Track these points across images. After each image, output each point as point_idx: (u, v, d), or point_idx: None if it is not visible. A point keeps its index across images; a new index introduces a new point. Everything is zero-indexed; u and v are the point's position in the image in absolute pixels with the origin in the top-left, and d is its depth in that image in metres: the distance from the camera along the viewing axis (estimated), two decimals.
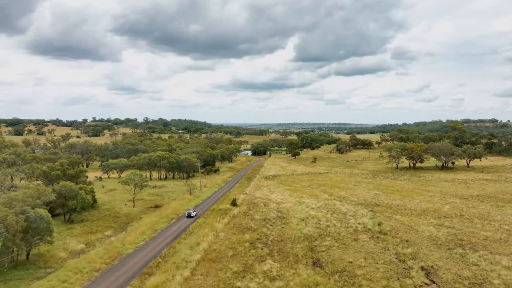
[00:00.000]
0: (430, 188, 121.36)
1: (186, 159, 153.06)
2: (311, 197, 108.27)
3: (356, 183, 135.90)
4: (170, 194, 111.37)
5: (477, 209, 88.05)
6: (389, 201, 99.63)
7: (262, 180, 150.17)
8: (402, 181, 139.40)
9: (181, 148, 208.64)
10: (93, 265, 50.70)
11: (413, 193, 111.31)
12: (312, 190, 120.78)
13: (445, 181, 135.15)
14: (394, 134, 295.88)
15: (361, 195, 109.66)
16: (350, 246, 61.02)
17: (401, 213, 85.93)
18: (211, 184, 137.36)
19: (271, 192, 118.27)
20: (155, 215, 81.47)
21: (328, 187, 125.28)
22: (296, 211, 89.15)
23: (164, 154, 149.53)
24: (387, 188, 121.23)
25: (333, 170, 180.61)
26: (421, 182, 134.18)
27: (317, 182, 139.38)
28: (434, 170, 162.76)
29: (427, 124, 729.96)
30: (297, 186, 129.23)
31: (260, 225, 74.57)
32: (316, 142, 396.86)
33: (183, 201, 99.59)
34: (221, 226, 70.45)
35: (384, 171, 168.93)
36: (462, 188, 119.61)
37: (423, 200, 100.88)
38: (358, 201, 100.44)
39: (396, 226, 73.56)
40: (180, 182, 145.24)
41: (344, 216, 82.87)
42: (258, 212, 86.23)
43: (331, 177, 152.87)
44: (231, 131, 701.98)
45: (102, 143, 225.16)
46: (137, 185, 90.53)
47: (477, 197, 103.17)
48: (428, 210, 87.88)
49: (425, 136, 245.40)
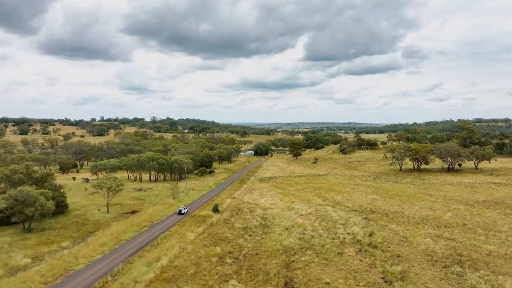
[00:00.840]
0: (433, 192, 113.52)
1: (177, 160, 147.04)
2: (303, 202, 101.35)
3: (355, 186, 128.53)
4: (152, 198, 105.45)
5: (482, 217, 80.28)
6: (387, 207, 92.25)
7: (256, 182, 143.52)
8: (404, 184, 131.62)
9: (176, 149, 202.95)
10: (28, 286, 44.60)
11: (414, 198, 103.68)
12: (306, 194, 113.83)
13: (450, 185, 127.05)
14: (400, 134, 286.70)
15: (357, 200, 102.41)
16: (332, 262, 54.08)
17: (397, 221, 78.59)
18: (201, 187, 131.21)
19: (262, 196, 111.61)
20: (126, 222, 75.46)
21: (323, 191, 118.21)
22: (283, 218, 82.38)
23: (154, 155, 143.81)
24: (386, 192, 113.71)
25: (333, 171, 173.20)
26: (424, 186, 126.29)
27: (314, 185, 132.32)
28: (439, 173, 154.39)
29: (438, 124, 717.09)
30: (291, 190, 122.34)
31: (237, 235, 67.98)
32: (320, 142, 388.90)
33: (163, 206, 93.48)
34: (193, 237, 64.02)
35: (387, 173, 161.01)
36: (468, 192, 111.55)
37: (423, 206, 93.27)
38: (353, 207, 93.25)
39: (389, 237, 66.36)
40: (169, 184, 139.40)
41: (334, 224, 75.84)
42: (240, 220, 79.63)
43: (329, 180, 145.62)
44: (237, 130, 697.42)
45: (97, 143, 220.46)
46: (110, 190, 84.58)
47: (483, 203, 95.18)
48: (428, 218, 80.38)
49: (432, 136, 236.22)
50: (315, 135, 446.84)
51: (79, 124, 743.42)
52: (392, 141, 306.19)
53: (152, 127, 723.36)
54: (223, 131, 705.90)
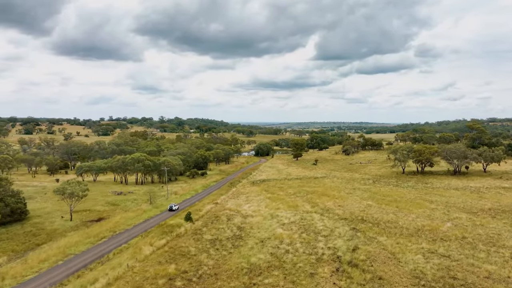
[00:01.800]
0: (434, 198, 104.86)
1: (164, 162, 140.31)
2: (289, 208, 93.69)
3: (351, 190, 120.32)
4: (128, 204, 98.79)
5: (486, 228, 71.76)
6: (380, 216, 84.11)
7: (246, 185, 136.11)
8: (404, 188, 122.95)
9: (170, 149, 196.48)
10: None
11: (412, 205, 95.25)
12: (296, 199, 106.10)
13: (454, 189, 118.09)
14: (406, 134, 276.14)
15: (349, 207, 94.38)
16: (300, 285, 46.45)
17: (389, 232, 70.53)
18: (187, 190, 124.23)
19: (248, 201, 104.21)
20: (84, 232, 68.73)
21: (316, 196, 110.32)
22: (262, 228, 74.89)
23: (139, 157, 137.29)
24: (383, 198, 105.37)
25: (332, 174, 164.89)
26: (426, 190, 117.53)
27: (307, 188, 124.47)
28: (444, 176, 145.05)
29: (450, 123, 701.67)
30: (281, 194, 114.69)
31: (203, 249, 60.69)
32: (325, 142, 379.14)
33: (135, 213, 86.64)
34: (149, 251, 56.94)
35: (388, 176, 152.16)
36: (473, 198, 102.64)
37: (421, 214, 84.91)
38: (343, 215, 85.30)
39: (374, 254, 58.44)
40: (155, 187, 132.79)
41: (315, 236, 68.10)
42: (213, 230, 72.33)
43: (326, 183, 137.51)
44: (244, 130, 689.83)
45: (89, 143, 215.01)
46: (73, 196, 77.98)
47: (488, 212, 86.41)
48: (423, 229, 72.16)
49: (440, 136, 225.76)
50: (320, 135, 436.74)
51: (86, 123, 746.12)
52: (399, 141, 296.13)
53: (159, 126, 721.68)
54: (230, 130, 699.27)
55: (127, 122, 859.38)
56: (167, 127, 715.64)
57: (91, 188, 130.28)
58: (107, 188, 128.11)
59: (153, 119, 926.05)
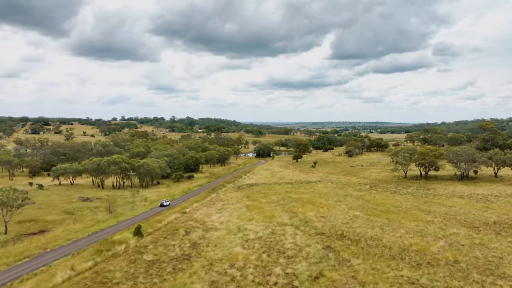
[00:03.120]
0: (434, 207, 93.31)
1: (143, 165, 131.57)
2: (264, 219, 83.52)
3: (342, 197, 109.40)
4: (86, 212, 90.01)
5: (486, 249, 60.42)
6: (364, 230, 73.35)
7: (229, 191, 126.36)
8: (402, 195, 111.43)
9: (160, 150, 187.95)
10: None
11: (405, 217, 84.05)
12: (276, 208, 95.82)
13: (459, 197, 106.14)
14: (415, 134, 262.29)
15: (333, 218, 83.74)
16: None
17: (367, 253, 59.84)
18: (162, 196, 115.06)
19: (221, 210, 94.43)
20: (5, 250, 59.77)
21: (300, 204, 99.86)
22: (220, 245, 65.00)
23: (116, 159, 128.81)
24: (375, 208, 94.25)
25: (328, 177, 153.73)
26: (426, 198, 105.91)
27: (294, 195, 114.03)
28: (450, 181, 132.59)
29: (468, 123, 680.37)
30: (262, 202, 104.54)
31: (133, 275, 51.07)
32: (332, 143, 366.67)
33: (86, 224, 77.60)
34: (62, 279, 47.67)
35: (388, 180, 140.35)
36: (477, 209, 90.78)
37: (412, 229, 73.78)
38: (321, 229, 74.82)
39: (340, 283, 48.01)
40: (130, 192, 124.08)
41: (277, 257, 57.87)
42: (160, 248, 62.69)
43: (317, 189, 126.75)
44: (253, 130, 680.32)
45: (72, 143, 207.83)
46: (4, 205, 69.33)
47: (493, 226, 74.74)
48: (410, 249, 61.24)
49: (450, 137, 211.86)
50: (327, 135, 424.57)
51: (95, 123, 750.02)
52: (408, 142, 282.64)
53: (168, 126, 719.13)
54: (240, 130, 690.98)
55: (138, 122, 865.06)
56: (175, 126, 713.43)
57: (60, 192, 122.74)
58: (77, 193, 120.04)
59: (166, 119, 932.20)
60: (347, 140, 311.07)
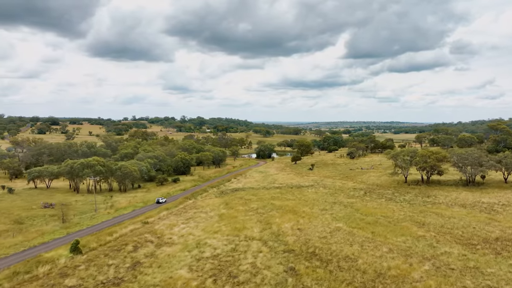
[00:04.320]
0: (429, 219, 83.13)
1: (121, 168, 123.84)
2: (232, 232, 74.68)
3: (330, 205, 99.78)
4: (38, 222, 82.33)
5: (480, 276, 50.51)
6: (341, 247, 63.89)
7: (209, 197, 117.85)
8: (398, 203, 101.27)
9: (148, 151, 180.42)
10: None
11: (394, 230, 74.21)
12: (251, 218, 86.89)
13: (461, 206, 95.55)
14: (423, 135, 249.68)
15: (310, 231, 74.42)
16: None
17: (334, 278, 50.52)
18: (135, 202, 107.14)
19: (189, 220, 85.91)
20: None
21: (280, 213, 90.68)
22: (167, 265, 56.36)
23: (91, 161, 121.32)
24: (362, 218, 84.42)
25: (323, 182, 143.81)
26: (424, 207, 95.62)
27: (278, 202, 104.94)
28: (454, 187, 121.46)
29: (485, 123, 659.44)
30: (240, 210, 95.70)
31: None
32: (338, 143, 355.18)
33: (28, 236, 69.86)
34: None
35: (387, 185, 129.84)
36: (480, 221, 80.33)
37: (398, 246, 64.01)
38: (292, 245, 65.68)
39: None
40: (104, 197, 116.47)
41: (224, 283, 49.27)
42: (92, 269, 54.28)
43: (306, 194, 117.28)
44: (261, 130, 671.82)
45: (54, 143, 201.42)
46: None
47: (494, 244, 64.51)
48: (387, 275, 51.63)
49: (459, 138, 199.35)
50: (333, 135, 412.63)
51: (104, 123, 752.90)
52: (416, 142, 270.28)
53: (176, 126, 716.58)
54: (247, 130, 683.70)
55: (148, 122, 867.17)
56: (183, 126, 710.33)
57: (28, 197, 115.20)
58: (47, 198, 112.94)
59: (177, 118, 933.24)
60: (349, 141, 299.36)
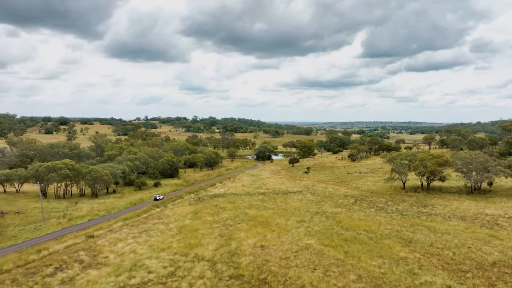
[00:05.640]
0: (418, 235, 72.11)
1: (91, 171, 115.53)
2: (183, 249, 65.20)
3: (310, 216, 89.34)
4: None
5: None
6: (300, 272, 53.71)
7: (181, 204, 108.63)
8: (389, 214, 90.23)
9: (136, 153, 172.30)
10: None
11: (372, 249, 63.52)
12: (214, 231, 77.21)
13: (459, 219, 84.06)
14: (431, 136, 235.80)
15: (273, 250, 64.26)
16: None
17: None
18: (98, 210, 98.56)
19: (142, 233, 76.69)
20: None
21: (250, 226, 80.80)
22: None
23: (57, 165, 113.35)
24: (341, 234, 73.80)
25: (314, 187, 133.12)
26: (417, 219, 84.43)
27: (255, 211, 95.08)
28: (457, 195, 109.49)
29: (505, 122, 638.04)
30: (207, 221, 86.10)
31: None
32: (345, 144, 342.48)
33: None
34: None
35: (382, 192, 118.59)
36: (478, 238, 69.06)
37: (370, 272, 53.42)
38: (245, 268, 55.85)
39: None
40: (68, 203, 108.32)
41: None
42: None
43: (290, 202, 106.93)
44: (270, 130, 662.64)
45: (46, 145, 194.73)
46: None
47: (489, 271, 53.37)
48: None
49: (470, 139, 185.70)
50: (340, 136, 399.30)
51: (113, 123, 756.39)
52: (424, 144, 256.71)
53: (185, 126, 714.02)
54: (257, 131, 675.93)
55: (159, 122, 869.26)
56: (192, 126, 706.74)
57: None
58: (8, 205, 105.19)
59: (188, 118, 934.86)
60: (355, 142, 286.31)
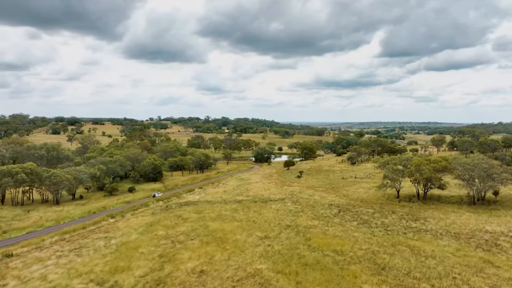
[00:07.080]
0: (396, 258, 60.09)
1: (51, 176, 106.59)
2: (106, 273, 55.14)
3: (279, 230, 78.06)
4: None
5: None
6: None
7: (144, 213, 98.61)
8: (371, 229, 78.35)
9: (114, 155, 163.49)
10: None
11: (332, 279, 52.22)
12: (157, 249, 66.82)
13: (453, 237, 71.74)
14: (439, 137, 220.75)
15: (212, 278, 53.54)
16: None
17: None
18: (46, 219, 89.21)
19: (73, 251, 66.90)
20: None
21: (201, 243, 70.27)
22: None
23: (13, 169, 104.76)
24: (303, 255, 62.42)
25: (300, 195, 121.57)
26: (402, 237, 72.43)
27: (217, 224, 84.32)
28: (457, 205, 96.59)
29: None
30: (157, 235, 75.81)
31: None
32: (352, 145, 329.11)
33: None
34: None
35: (373, 201, 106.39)
36: (470, 263, 56.90)
37: None
38: None
39: None
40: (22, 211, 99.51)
41: None
42: None
43: (264, 213, 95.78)
44: (280, 130, 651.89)
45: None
46: None
47: None
48: None
49: (480, 141, 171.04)
50: (347, 137, 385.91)
51: (123, 123, 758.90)
52: (433, 146, 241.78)
53: (195, 126, 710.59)
54: (267, 131, 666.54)
55: (171, 122, 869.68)
56: (201, 127, 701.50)
57: None
58: None
59: (201, 119, 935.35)
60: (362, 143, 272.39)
